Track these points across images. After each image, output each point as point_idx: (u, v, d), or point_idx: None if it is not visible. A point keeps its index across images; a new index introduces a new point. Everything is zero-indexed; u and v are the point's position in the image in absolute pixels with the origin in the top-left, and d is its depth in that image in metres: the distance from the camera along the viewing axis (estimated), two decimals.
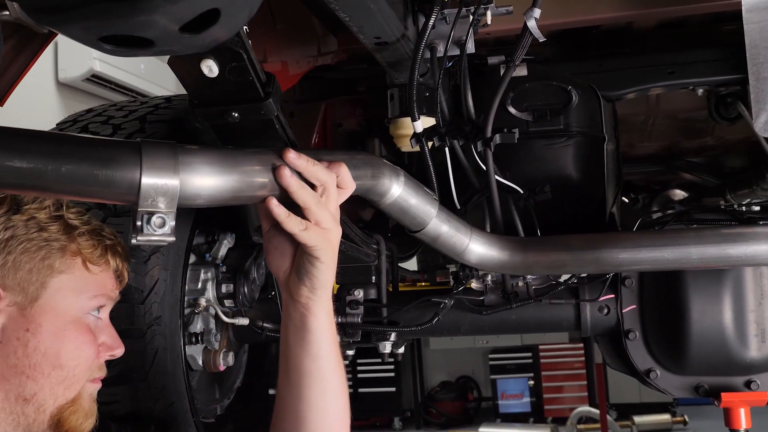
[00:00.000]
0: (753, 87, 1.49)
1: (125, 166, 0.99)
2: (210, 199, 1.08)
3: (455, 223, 1.53)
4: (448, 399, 9.33)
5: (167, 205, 1.01)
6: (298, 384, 1.25)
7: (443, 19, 1.66)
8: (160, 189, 1.00)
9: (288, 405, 1.27)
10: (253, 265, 1.97)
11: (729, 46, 2.05)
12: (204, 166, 1.07)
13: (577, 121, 2.03)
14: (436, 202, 1.58)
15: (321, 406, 1.26)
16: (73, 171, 0.96)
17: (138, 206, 1.00)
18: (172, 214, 1.02)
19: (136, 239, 1.02)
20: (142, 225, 1.01)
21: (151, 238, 1.02)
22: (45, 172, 0.94)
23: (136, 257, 1.53)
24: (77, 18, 0.75)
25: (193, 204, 1.07)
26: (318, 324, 1.24)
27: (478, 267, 1.64)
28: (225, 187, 1.09)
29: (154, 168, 1.00)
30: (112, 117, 1.79)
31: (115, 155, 1.00)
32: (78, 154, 0.98)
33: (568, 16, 2.02)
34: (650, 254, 1.63)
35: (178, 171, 1.02)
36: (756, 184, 2.41)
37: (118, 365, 1.49)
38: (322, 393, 1.26)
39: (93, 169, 0.97)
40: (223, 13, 0.81)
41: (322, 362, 1.25)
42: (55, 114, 4.53)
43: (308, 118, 2.58)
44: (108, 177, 0.98)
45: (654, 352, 2.03)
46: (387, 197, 1.43)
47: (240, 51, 1.11)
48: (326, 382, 1.26)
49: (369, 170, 1.36)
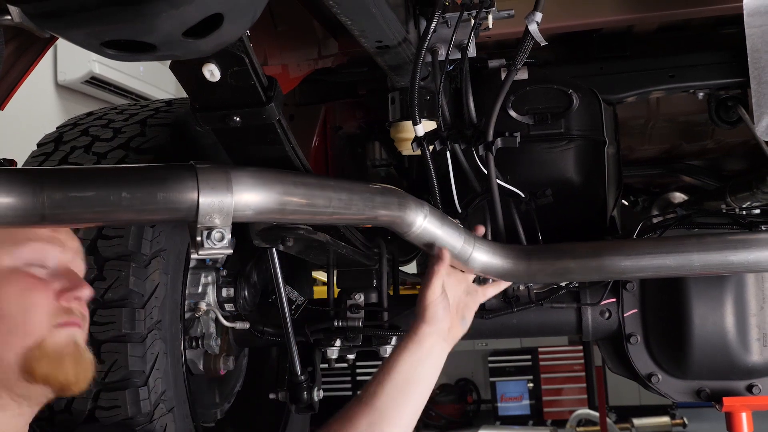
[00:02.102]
0: (755, 91, 1.49)
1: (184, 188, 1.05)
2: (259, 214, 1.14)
3: (455, 231, 1.53)
4: (447, 401, 9.31)
5: (222, 221, 1.07)
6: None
7: (445, 22, 1.66)
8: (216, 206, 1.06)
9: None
10: (254, 269, 1.97)
11: (730, 49, 2.05)
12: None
13: (578, 124, 2.03)
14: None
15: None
16: (134, 195, 1.01)
17: (197, 223, 1.05)
18: (229, 228, 1.07)
19: (197, 253, 1.08)
20: (202, 240, 1.06)
21: (211, 252, 1.07)
22: (108, 199, 1.00)
23: (137, 262, 1.53)
24: (80, 23, 0.75)
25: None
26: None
27: (482, 275, 1.64)
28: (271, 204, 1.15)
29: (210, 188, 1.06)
30: (113, 120, 1.79)
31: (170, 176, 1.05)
32: (137, 178, 1.04)
33: (570, 19, 2.02)
34: (653, 261, 1.62)
35: (231, 189, 1.07)
36: (756, 187, 2.41)
37: (118, 370, 1.49)
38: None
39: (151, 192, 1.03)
40: (226, 18, 0.81)
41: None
42: (54, 116, 4.52)
43: (308, 121, 2.58)
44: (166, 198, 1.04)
45: (656, 356, 2.02)
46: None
47: (242, 55, 1.11)
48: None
49: (395, 200, 1.41)
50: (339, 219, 1.36)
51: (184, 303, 1.74)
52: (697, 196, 3.24)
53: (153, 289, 1.54)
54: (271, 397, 1.91)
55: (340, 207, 1.28)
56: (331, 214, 1.28)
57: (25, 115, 3.84)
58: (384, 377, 1.42)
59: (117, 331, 1.50)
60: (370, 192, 1.36)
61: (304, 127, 2.55)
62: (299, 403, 1.85)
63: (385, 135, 2.09)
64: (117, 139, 1.70)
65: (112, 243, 1.53)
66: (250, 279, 1.97)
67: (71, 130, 1.78)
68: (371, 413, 1.38)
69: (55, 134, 1.79)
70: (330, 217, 1.30)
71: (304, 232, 1.55)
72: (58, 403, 1.50)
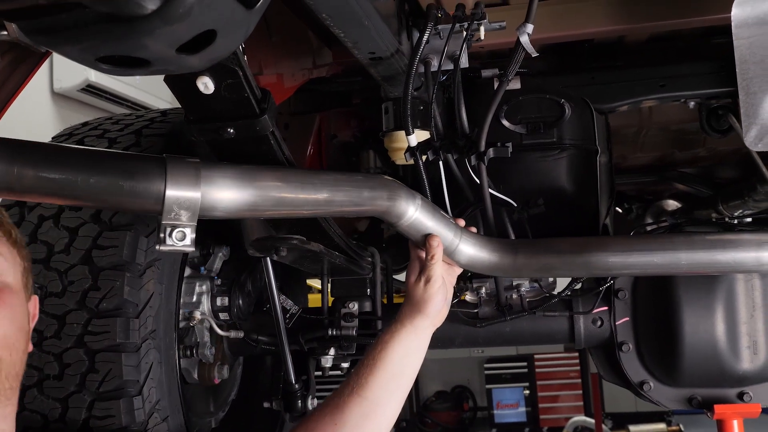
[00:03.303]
0: (743, 101, 1.50)
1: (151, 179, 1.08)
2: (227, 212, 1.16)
3: (442, 221, 1.53)
4: (443, 409, 9.30)
5: (188, 218, 1.09)
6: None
7: (437, 34, 1.68)
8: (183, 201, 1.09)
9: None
10: (248, 278, 1.97)
11: (720, 59, 2.07)
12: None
13: (570, 133, 2.04)
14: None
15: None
16: (100, 182, 1.04)
17: (162, 218, 1.08)
18: (193, 227, 1.10)
19: (158, 248, 1.11)
20: (164, 236, 1.09)
21: (173, 249, 1.09)
22: (75, 182, 1.03)
23: (131, 271, 1.53)
24: (74, 39, 0.76)
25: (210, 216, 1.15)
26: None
27: (467, 268, 1.65)
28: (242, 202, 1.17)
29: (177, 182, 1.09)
30: (108, 130, 1.80)
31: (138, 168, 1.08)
32: (107, 166, 1.07)
33: (561, 30, 2.03)
34: (640, 259, 1.63)
35: (199, 185, 1.10)
36: (748, 196, 2.42)
37: (112, 380, 1.49)
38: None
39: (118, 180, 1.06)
40: (219, 34, 0.82)
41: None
42: (50, 124, 4.52)
43: (303, 130, 2.59)
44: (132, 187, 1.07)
45: (647, 364, 2.04)
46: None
47: (236, 68, 1.12)
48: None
49: (385, 192, 1.41)
50: (324, 212, 1.36)
51: (179, 312, 1.74)
52: (690, 204, 3.26)
53: (147, 298, 1.55)
54: (266, 405, 1.92)
55: (323, 203, 1.28)
56: (313, 209, 1.29)
57: (22, 123, 3.84)
58: (376, 367, 1.42)
59: (111, 341, 1.50)
60: (357, 183, 1.36)
61: (299, 135, 2.57)
62: (294, 412, 1.86)
63: (379, 144, 2.11)
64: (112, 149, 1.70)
65: (106, 253, 1.53)
66: (245, 288, 1.98)
67: (66, 141, 1.79)
68: (364, 404, 1.39)
69: None
70: (313, 210, 1.31)
71: (297, 242, 1.56)
72: (52, 413, 1.51)
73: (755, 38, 1.48)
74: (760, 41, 1.46)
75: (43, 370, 1.52)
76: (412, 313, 1.47)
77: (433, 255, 1.46)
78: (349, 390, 1.41)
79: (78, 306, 1.52)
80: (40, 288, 1.53)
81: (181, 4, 0.72)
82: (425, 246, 1.48)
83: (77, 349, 1.51)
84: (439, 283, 1.47)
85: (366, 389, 1.40)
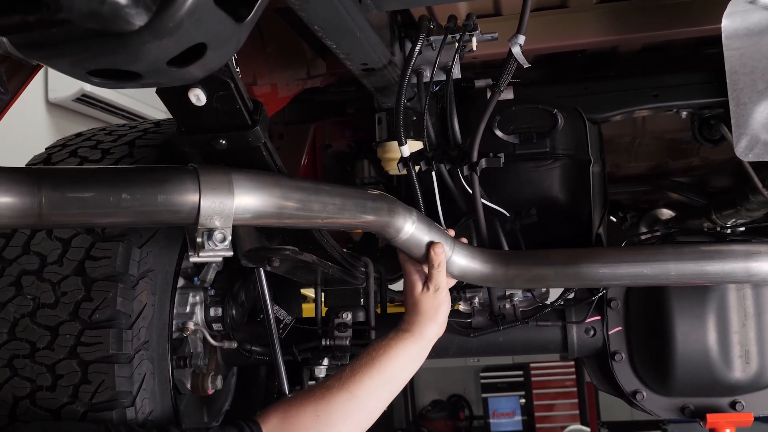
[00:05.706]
0: (733, 112, 1.51)
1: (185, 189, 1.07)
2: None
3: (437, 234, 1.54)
4: (439, 418, 9.28)
5: (223, 223, 1.08)
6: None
7: (429, 45, 1.69)
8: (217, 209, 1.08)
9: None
10: (242, 288, 1.97)
11: (712, 69, 2.09)
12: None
13: (563, 143, 2.05)
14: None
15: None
16: (134, 197, 1.02)
17: (198, 225, 1.06)
18: (230, 230, 1.08)
19: (198, 255, 1.09)
20: (203, 242, 1.07)
21: (212, 253, 1.08)
22: (107, 200, 1.00)
23: (124, 282, 1.53)
24: (65, 53, 0.76)
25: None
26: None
27: (460, 279, 1.66)
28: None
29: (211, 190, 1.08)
30: (101, 141, 1.79)
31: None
32: (138, 180, 1.05)
33: (554, 40, 2.05)
34: (630, 270, 1.64)
35: (233, 191, 1.09)
36: (740, 205, 2.43)
37: (105, 391, 1.49)
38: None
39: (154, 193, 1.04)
40: (209, 47, 0.82)
41: None
42: (45, 134, 4.52)
43: (298, 140, 2.60)
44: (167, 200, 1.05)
45: (640, 373, 2.04)
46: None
47: (227, 80, 1.13)
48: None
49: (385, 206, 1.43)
50: (332, 223, 1.38)
51: (172, 323, 1.74)
52: (684, 213, 3.27)
53: (140, 309, 1.54)
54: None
55: (334, 211, 1.30)
56: (325, 218, 1.31)
57: (16, 133, 3.83)
58: (374, 368, 1.41)
59: (104, 352, 1.49)
60: (362, 197, 1.39)
61: (293, 145, 2.57)
62: None
63: (373, 153, 2.11)
64: (105, 161, 1.70)
65: (99, 264, 1.53)
66: (238, 298, 1.97)
67: (60, 151, 1.79)
68: (352, 401, 1.38)
69: (43, 155, 1.80)
70: (324, 221, 1.33)
71: (290, 253, 1.56)
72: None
73: (745, 49, 1.49)
74: (750, 52, 1.47)
75: (35, 381, 1.51)
76: (423, 322, 1.48)
77: (439, 263, 1.48)
78: (339, 384, 1.39)
79: (71, 317, 1.51)
80: (32, 299, 1.52)
81: (170, 18, 0.72)
82: (429, 255, 1.49)
83: (70, 360, 1.50)
84: (446, 290, 1.48)
85: (357, 387, 1.39)
